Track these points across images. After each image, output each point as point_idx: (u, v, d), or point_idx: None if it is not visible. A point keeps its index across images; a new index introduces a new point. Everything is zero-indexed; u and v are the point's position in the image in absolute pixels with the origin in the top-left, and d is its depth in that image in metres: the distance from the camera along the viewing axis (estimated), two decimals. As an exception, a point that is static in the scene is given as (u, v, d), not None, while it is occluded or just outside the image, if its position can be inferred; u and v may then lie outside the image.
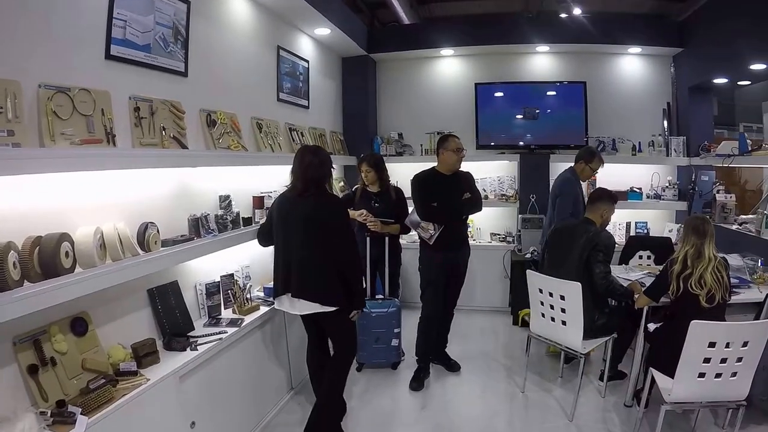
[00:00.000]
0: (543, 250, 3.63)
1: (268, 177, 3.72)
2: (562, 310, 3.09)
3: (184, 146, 2.69)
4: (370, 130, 5.85)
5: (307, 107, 4.71)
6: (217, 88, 3.23)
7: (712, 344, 2.34)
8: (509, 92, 5.60)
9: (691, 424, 2.98)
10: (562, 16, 5.21)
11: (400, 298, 4.15)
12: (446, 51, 5.72)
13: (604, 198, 3.35)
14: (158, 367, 2.24)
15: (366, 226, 3.78)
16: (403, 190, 4.09)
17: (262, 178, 3.67)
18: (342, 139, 5.62)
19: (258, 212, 3.44)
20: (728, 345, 2.35)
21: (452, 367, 3.90)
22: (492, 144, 5.62)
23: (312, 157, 2.76)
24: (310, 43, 4.85)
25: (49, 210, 1.97)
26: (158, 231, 2.40)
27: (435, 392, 3.58)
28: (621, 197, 4.32)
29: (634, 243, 4.37)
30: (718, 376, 2.41)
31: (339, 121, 5.71)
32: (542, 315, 3.25)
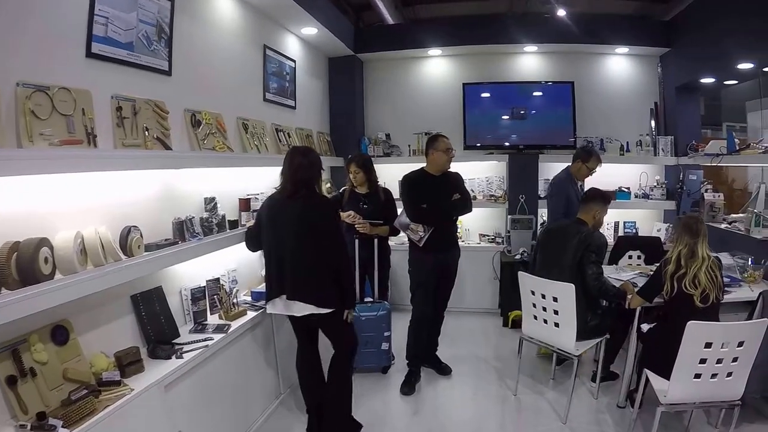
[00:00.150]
0: (534, 251, 3.61)
1: (255, 178, 3.66)
2: (555, 312, 3.07)
3: (167, 147, 2.62)
4: (357, 130, 5.80)
5: (294, 107, 4.65)
6: (202, 87, 3.16)
7: (708, 345, 2.34)
8: (497, 92, 5.59)
9: (685, 423, 2.99)
10: (546, 16, 5.22)
11: (389, 300, 4.10)
12: (434, 51, 5.69)
13: (597, 198, 3.34)
14: (142, 376, 2.16)
15: (354, 227, 3.73)
16: (391, 191, 4.05)
17: (249, 180, 3.60)
18: (329, 139, 5.56)
19: (244, 215, 3.37)
20: (724, 345, 2.34)
21: (443, 370, 3.86)
22: (480, 144, 5.60)
23: (302, 159, 2.75)
24: (297, 42, 4.79)
25: (27, 214, 1.89)
26: (141, 235, 2.33)
27: (426, 396, 3.54)
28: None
29: (623, 243, 4.38)
30: (714, 376, 2.41)
31: (326, 121, 5.66)
32: (534, 317, 3.23)
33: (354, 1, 6.10)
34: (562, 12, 5.09)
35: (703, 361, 2.37)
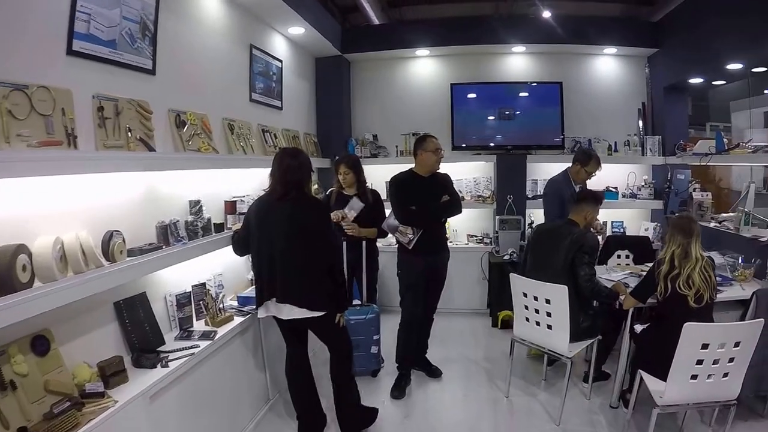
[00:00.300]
0: (525, 252, 3.58)
1: (241, 180, 3.59)
2: (548, 314, 3.05)
3: (151, 148, 2.54)
4: (344, 131, 5.74)
5: (281, 108, 4.57)
6: (186, 87, 3.08)
7: (704, 346, 2.34)
8: (485, 93, 5.58)
9: (679, 423, 2.99)
10: (531, 18, 5.23)
11: (377, 302, 4.06)
12: (421, 51, 5.66)
13: (589, 199, 3.33)
14: (127, 387, 2.09)
15: (342, 229, 3.68)
16: (379, 192, 4.00)
17: (235, 182, 3.54)
18: (316, 141, 5.49)
19: (230, 218, 3.30)
20: (720, 346, 2.34)
21: (433, 373, 3.82)
22: (468, 145, 5.58)
23: (291, 160, 2.71)
24: (284, 42, 4.71)
25: (3, 219, 1.80)
26: (124, 240, 2.25)
27: (417, 400, 3.50)
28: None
29: (611, 243, 4.40)
30: (710, 377, 2.40)
31: (313, 122, 5.58)
32: (527, 319, 3.21)
33: (340, 2, 6.07)
34: (547, 14, 5.12)
35: (699, 362, 2.36)
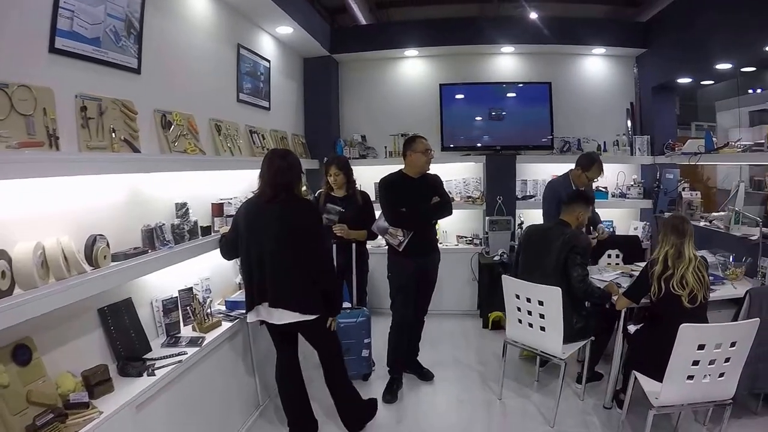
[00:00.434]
0: (516, 253, 3.56)
1: (228, 182, 3.53)
2: (541, 316, 3.03)
3: (136, 150, 2.47)
4: (332, 132, 5.68)
5: (269, 109, 4.51)
6: (172, 86, 3.00)
7: (701, 346, 2.33)
8: (474, 93, 5.57)
9: (673, 422, 2.98)
10: (518, 18, 5.24)
11: (367, 305, 4.02)
12: (410, 51, 5.63)
13: (580, 199, 3.33)
14: (112, 397, 2.02)
15: (332, 231, 3.63)
16: (368, 193, 3.96)
17: (222, 184, 3.47)
18: (304, 142, 5.43)
19: (217, 220, 3.24)
20: (717, 346, 2.34)
21: (425, 376, 3.79)
22: (457, 145, 5.56)
23: (281, 162, 2.65)
24: (272, 42, 4.65)
25: (-19, 224, 1.73)
26: (108, 244, 2.18)
27: (409, 403, 3.46)
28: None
29: (602, 242, 4.38)
30: (706, 377, 2.40)
31: (301, 123, 5.52)
32: (519, 321, 3.19)
33: (328, 4, 6.02)
34: (533, 15, 5.12)
35: (696, 362, 2.36)
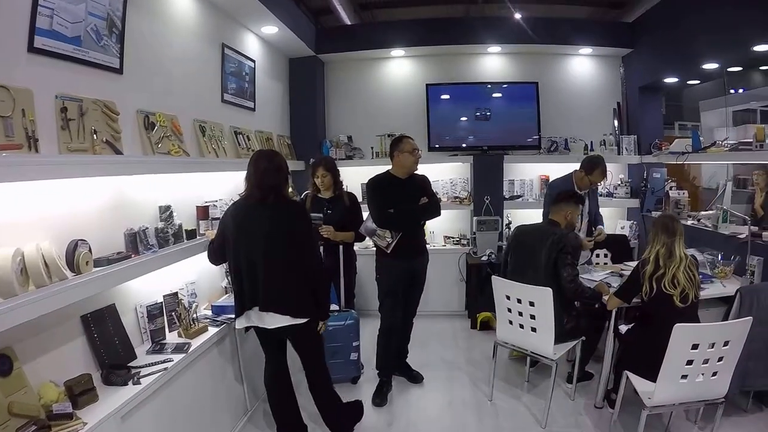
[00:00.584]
0: (505, 253, 3.55)
1: (213, 184, 3.46)
2: (532, 317, 3.03)
3: (118, 152, 2.41)
4: (318, 133, 5.63)
5: (254, 109, 4.45)
6: (155, 87, 2.94)
7: (695, 346, 2.34)
8: (461, 93, 5.56)
9: (665, 422, 2.99)
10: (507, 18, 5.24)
11: (355, 307, 3.99)
12: (397, 51, 5.61)
13: (569, 199, 3.33)
14: (97, 407, 1.96)
15: (318, 233, 3.59)
16: (355, 195, 3.92)
17: (207, 186, 3.40)
18: (289, 143, 5.38)
19: (203, 223, 3.17)
20: (711, 345, 2.35)
21: (415, 378, 3.77)
22: (444, 146, 5.56)
23: (267, 163, 2.60)
24: (257, 42, 4.59)
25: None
26: (90, 249, 2.12)
27: (399, 406, 3.44)
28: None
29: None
30: (699, 376, 2.41)
31: (286, 124, 5.47)
32: (510, 322, 3.18)
33: (312, 5, 5.97)
34: (518, 16, 5.14)
35: (689, 362, 2.37)
